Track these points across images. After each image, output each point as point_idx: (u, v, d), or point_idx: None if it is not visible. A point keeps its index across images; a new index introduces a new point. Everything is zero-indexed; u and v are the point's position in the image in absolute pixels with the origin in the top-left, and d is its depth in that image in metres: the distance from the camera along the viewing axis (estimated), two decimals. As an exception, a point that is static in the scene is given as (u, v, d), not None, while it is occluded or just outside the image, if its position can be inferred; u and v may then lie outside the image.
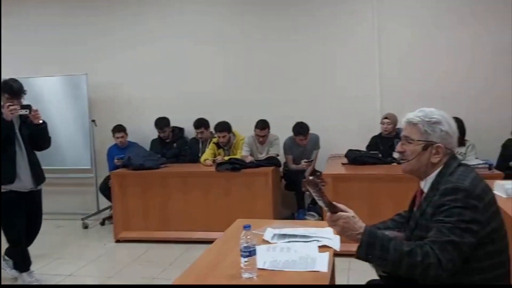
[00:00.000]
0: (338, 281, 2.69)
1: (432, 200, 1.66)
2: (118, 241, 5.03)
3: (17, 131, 3.67)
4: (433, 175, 1.74)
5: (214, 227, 4.82)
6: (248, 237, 1.87)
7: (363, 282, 2.18)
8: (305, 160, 5.28)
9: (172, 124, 5.83)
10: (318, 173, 4.87)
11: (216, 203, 4.90)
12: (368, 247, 1.55)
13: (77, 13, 6.26)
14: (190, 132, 5.86)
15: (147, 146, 5.86)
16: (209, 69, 5.99)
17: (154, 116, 5.78)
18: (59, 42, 6.29)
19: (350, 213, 1.62)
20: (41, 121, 3.66)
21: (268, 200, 4.78)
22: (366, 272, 1.98)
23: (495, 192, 3.15)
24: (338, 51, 5.66)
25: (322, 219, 4.34)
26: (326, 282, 1.80)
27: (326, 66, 5.70)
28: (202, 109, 5.77)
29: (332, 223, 1.63)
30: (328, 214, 1.63)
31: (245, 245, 1.85)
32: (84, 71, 5.94)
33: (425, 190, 1.76)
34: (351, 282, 3.55)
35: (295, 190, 5.38)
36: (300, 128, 5.26)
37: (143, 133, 6.01)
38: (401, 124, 1.97)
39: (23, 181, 3.67)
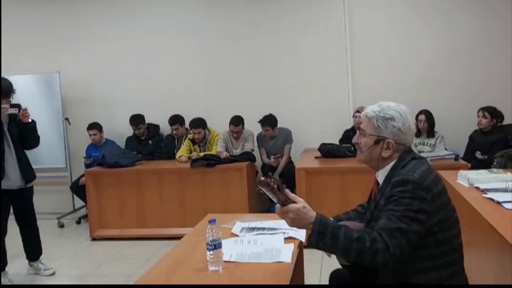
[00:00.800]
0: (311, 271, 2.77)
1: (385, 192, 1.73)
2: (94, 239, 5.03)
3: (5, 129, 3.70)
4: (387, 168, 1.81)
5: (189, 223, 4.83)
6: (214, 231, 1.92)
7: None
8: (274, 156, 5.35)
9: (147, 121, 5.82)
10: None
11: (192, 199, 4.93)
12: (319, 236, 1.60)
13: (49, 10, 6.18)
14: (165, 129, 5.87)
15: (122, 144, 5.85)
16: (184, 66, 5.99)
17: (129, 113, 5.77)
18: (30, 40, 6.21)
19: (301, 203, 1.65)
20: (30, 120, 3.71)
21: (244, 195, 4.84)
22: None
23: (458, 181, 3.28)
24: (310, 44, 5.71)
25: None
26: (289, 273, 1.86)
27: (298, 62, 5.76)
28: (177, 105, 5.78)
29: (283, 215, 1.66)
30: (277, 206, 1.66)
31: (211, 238, 1.90)
32: (57, 69, 5.88)
33: (380, 182, 1.84)
34: (324, 273, 3.62)
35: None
36: (266, 120, 5.35)
37: (119, 130, 5.99)
38: None
39: (11, 179, 3.71)
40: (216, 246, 1.91)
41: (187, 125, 5.61)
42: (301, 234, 2.30)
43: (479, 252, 2.81)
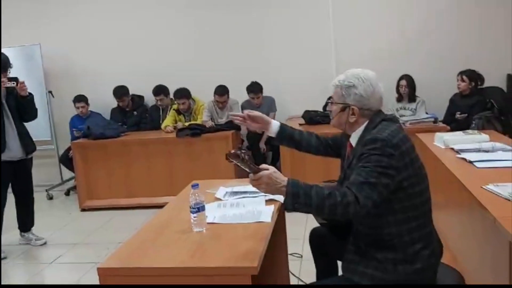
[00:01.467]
0: (293, 231, 2.87)
1: (356, 151, 1.83)
2: (83, 210, 5.11)
3: (4, 102, 3.79)
4: (359, 131, 1.90)
5: (177, 192, 4.87)
6: (197, 195, 2.01)
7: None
8: None
9: (131, 92, 5.83)
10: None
11: (179, 168, 5.01)
12: (293, 197, 1.68)
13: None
14: (150, 99, 5.89)
15: (107, 115, 5.86)
16: (166, 36, 5.97)
17: (112, 85, 5.76)
18: (10, 12, 6.09)
19: (271, 169, 1.73)
20: (27, 93, 3.81)
21: (229, 163, 4.90)
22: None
23: (435, 143, 3.40)
24: (293, 13, 5.71)
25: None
26: (269, 231, 1.96)
27: (281, 30, 5.77)
28: (161, 76, 5.78)
29: (255, 183, 1.73)
30: (250, 175, 1.74)
31: (194, 202, 1.99)
32: (37, 41, 5.82)
33: (354, 144, 1.92)
34: (307, 233, 3.76)
35: (256, 151, 5.52)
36: (252, 87, 5.41)
37: (103, 102, 5.98)
38: None
39: (13, 151, 3.84)
40: (199, 209, 2.00)
41: (171, 96, 5.63)
42: (280, 196, 2.40)
43: (453, 210, 2.96)
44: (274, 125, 2.27)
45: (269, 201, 2.31)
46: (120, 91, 5.69)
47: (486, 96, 5.02)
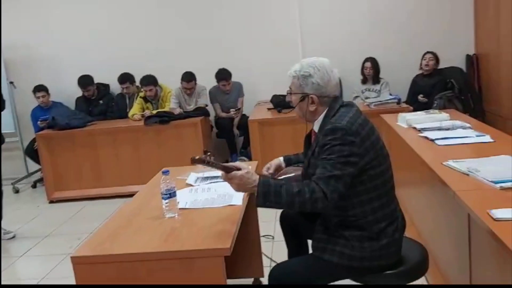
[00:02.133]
0: (264, 214, 2.92)
1: (319, 140, 1.87)
2: (52, 201, 5.04)
3: None
4: (321, 118, 1.94)
5: (147, 180, 4.90)
6: (168, 181, 2.03)
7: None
8: (233, 109, 5.45)
9: (96, 81, 5.72)
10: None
11: (148, 156, 4.99)
12: (264, 196, 1.75)
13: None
14: (115, 88, 5.80)
15: (72, 106, 5.75)
16: (131, 23, 5.86)
17: (76, 74, 5.62)
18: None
19: (244, 170, 1.78)
20: None
21: (199, 150, 4.91)
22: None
23: (398, 123, 3.51)
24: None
25: (251, 160, 4.57)
26: (240, 214, 2.01)
27: (247, 16, 5.75)
28: (126, 64, 5.68)
29: (228, 182, 1.80)
30: (223, 174, 1.80)
31: (165, 188, 2.01)
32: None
33: (316, 130, 1.97)
34: (278, 215, 3.83)
35: (226, 137, 5.55)
36: (221, 74, 5.40)
37: (66, 92, 5.84)
38: None
39: None
40: (170, 194, 2.02)
41: (137, 83, 5.56)
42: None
43: (416, 186, 3.08)
44: (279, 161, 2.33)
45: (239, 185, 2.35)
46: (85, 80, 5.57)
47: (447, 76, 5.19)
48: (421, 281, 2.69)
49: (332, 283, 1.99)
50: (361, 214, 1.86)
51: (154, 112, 5.18)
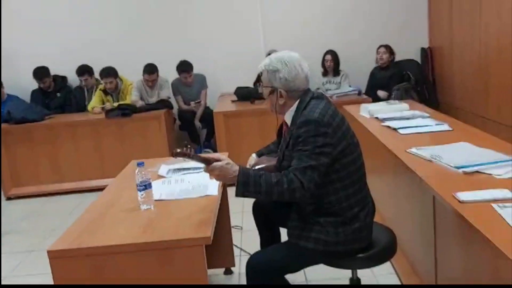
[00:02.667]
0: (232, 205, 2.96)
1: (292, 133, 1.92)
2: (9, 198, 4.85)
3: None
4: (292, 111, 1.99)
5: (109, 174, 4.83)
6: (143, 172, 2.02)
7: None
8: (193, 102, 5.42)
9: (53, 73, 5.53)
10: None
11: (110, 150, 4.89)
12: (244, 186, 1.79)
13: None
14: (73, 80, 5.63)
15: (27, 99, 5.53)
16: (89, 14, 5.70)
17: (31, 66, 5.40)
18: None
19: (224, 161, 1.82)
20: None
21: (163, 143, 4.89)
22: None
23: (360, 113, 3.62)
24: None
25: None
26: (216, 204, 2.03)
27: (208, 7, 5.72)
28: (84, 55, 5.52)
29: (209, 173, 1.83)
30: (204, 166, 1.83)
31: (141, 180, 2.00)
32: None
33: (289, 123, 2.02)
34: (246, 207, 3.88)
35: (188, 130, 5.52)
36: (182, 66, 5.35)
37: (21, 85, 5.62)
38: None
39: None
40: (146, 186, 2.02)
41: (96, 76, 5.43)
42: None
43: (380, 174, 3.19)
44: (253, 159, 2.37)
45: (212, 176, 2.37)
46: (41, 72, 5.37)
47: (403, 68, 5.38)
48: (387, 266, 2.82)
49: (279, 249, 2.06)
50: (336, 201, 1.93)
51: (115, 105, 5.07)
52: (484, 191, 1.79)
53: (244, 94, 5.06)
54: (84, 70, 5.39)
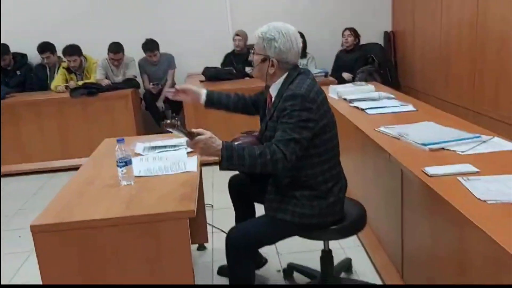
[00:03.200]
0: (204, 185, 3.02)
1: (278, 105, 1.98)
2: (-30, 179, 4.70)
3: None
4: (278, 83, 2.05)
5: (75, 154, 4.79)
6: (123, 149, 2.03)
7: (225, 183, 2.52)
8: (152, 83, 5.34)
9: (12, 50, 5.34)
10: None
11: (75, 129, 4.81)
12: (227, 159, 1.83)
13: None
14: (34, 58, 5.46)
15: (-15, 76, 5.33)
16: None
17: (-12, 43, 5.21)
18: None
19: (207, 135, 1.85)
20: None
21: (131, 123, 4.85)
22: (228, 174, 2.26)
23: (329, 94, 3.73)
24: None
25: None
26: (197, 180, 2.08)
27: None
28: (46, 32, 5.36)
29: (193, 147, 1.86)
30: (188, 140, 1.85)
31: (121, 156, 2.02)
32: None
33: (273, 96, 2.08)
34: (216, 186, 3.95)
35: (151, 111, 5.46)
36: (147, 44, 5.29)
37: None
38: (251, 40, 2.24)
39: None
40: (126, 162, 2.03)
41: (59, 53, 5.28)
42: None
43: (350, 152, 3.31)
44: (203, 94, 2.34)
45: (190, 153, 2.41)
46: None
47: (367, 51, 5.53)
48: (354, 239, 2.97)
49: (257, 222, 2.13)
50: (312, 175, 2.02)
51: (80, 83, 4.97)
52: (450, 166, 1.93)
53: (212, 74, 5.07)
54: (46, 48, 5.24)
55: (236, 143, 2.25)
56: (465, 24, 4.14)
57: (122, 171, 2.03)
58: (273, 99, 2.07)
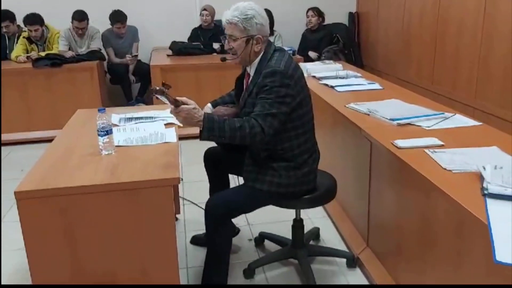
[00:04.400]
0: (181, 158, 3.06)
1: (257, 82, 2.04)
2: None
3: None
4: (256, 61, 2.11)
5: (38, 126, 4.69)
6: (104, 118, 2.05)
7: (194, 157, 2.57)
8: (129, 56, 5.29)
9: (-32, 18, 5.09)
10: (163, 81, 5.01)
11: (37, 101, 4.70)
12: (208, 131, 1.89)
13: None
14: (-8, 26, 5.22)
15: None
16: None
17: None
18: None
19: (192, 105, 1.90)
20: None
21: (96, 95, 4.77)
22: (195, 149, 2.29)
23: (300, 72, 3.81)
24: None
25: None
26: (177, 151, 2.13)
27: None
28: (5, 0, 5.15)
29: (176, 115, 1.90)
30: (172, 107, 1.89)
31: (102, 125, 2.03)
32: None
33: (251, 74, 2.14)
34: (184, 159, 3.99)
35: (122, 84, 5.40)
36: (116, 16, 5.19)
37: None
38: (219, 16, 2.23)
39: None
40: (107, 132, 2.05)
41: (19, 22, 5.08)
42: (177, 120, 2.55)
43: (321, 127, 3.43)
44: (207, 108, 2.38)
45: (168, 124, 2.45)
46: (-46, 16, 4.93)
47: (333, 31, 5.65)
48: (320, 210, 3.12)
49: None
50: (289, 148, 2.11)
51: (43, 54, 4.82)
52: (417, 139, 2.07)
53: (180, 49, 5.04)
54: (4, 17, 5.02)
55: (218, 113, 2.32)
56: (427, 9, 4.32)
57: (103, 140, 2.05)
58: (251, 78, 2.13)
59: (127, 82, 5.34)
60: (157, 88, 1.79)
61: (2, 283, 2.18)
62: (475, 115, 3.27)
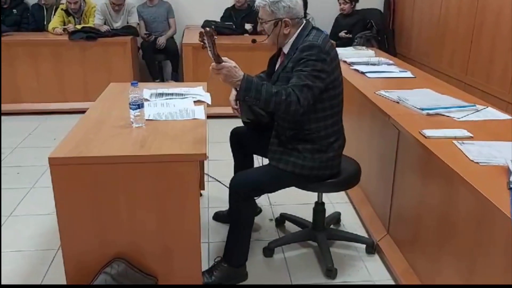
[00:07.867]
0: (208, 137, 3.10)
1: (292, 57, 2.06)
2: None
3: None
4: (291, 40, 2.12)
5: (71, 98, 4.83)
6: (136, 92, 2.10)
7: (220, 136, 2.60)
8: (145, 33, 5.31)
9: (9, -13, 5.22)
10: (212, 26, 4.99)
11: (71, 73, 4.81)
12: (245, 91, 1.91)
13: None
14: (31, -3, 5.36)
15: (-20, 12, 5.22)
16: None
17: (-16, -24, 5.07)
18: None
19: (233, 63, 1.93)
20: None
21: (128, 71, 4.85)
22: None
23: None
24: None
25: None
26: (205, 128, 2.17)
27: None
28: (43, -29, 5.24)
29: (217, 71, 1.92)
30: (213, 64, 1.91)
31: (134, 99, 2.09)
32: None
33: (286, 51, 2.15)
34: (211, 138, 4.04)
35: (147, 60, 5.40)
36: None
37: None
38: None
39: None
40: (139, 105, 2.11)
41: (58, -6, 5.19)
42: (206, 98, 2.60)
43: (349, 113, 3.42)
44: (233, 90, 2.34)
45: (197, 102, 2.49)
46: (-4, -15, 5.06)
47: (367, 16, 5.56)
48: (343, 195, 3.13)
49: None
50: (315, 129, 2.13)
51: (79, 27, 4.92)
52: (446, 129, 2.05)
53: (216, 28, 5.05)
54: (44, -13, 5.13)
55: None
56: (466, -3, 4.20)
57: (134, 113, 2.10)
58: (287, 53, 2.14)
59: (152, 59, 5.37)
60: (208, 29, 1.80)
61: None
62: (508, 110, 3.20)
